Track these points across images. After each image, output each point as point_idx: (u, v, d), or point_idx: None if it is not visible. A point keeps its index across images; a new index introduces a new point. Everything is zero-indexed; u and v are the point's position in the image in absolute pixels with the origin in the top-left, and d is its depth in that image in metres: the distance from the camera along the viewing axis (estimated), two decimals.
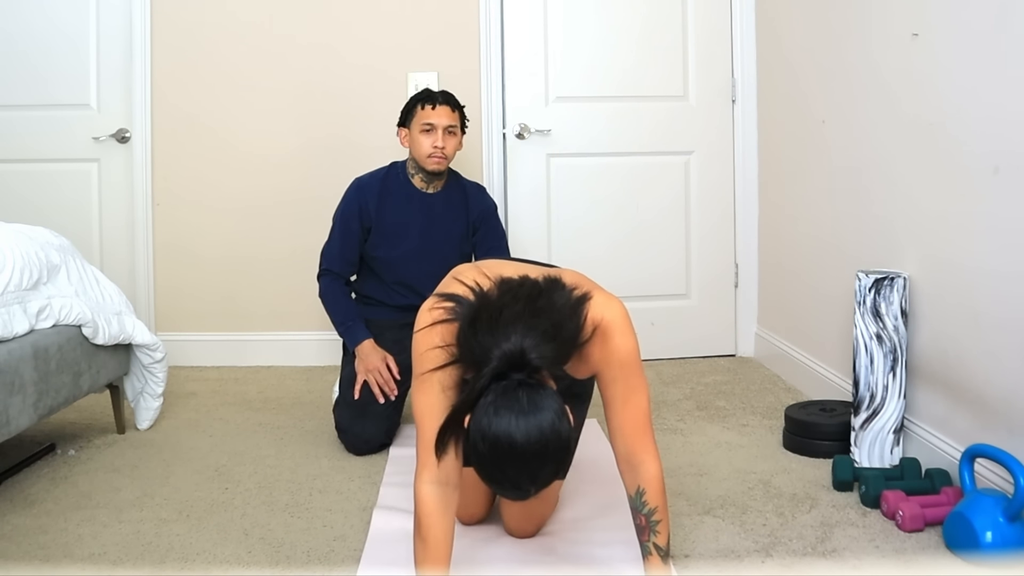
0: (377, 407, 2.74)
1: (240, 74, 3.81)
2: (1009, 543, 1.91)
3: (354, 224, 2.92)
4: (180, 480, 2.53)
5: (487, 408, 1.52)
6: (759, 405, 3.18)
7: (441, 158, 2.90)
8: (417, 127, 2.90)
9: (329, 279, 2.93)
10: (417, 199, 2.97)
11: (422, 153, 2.90)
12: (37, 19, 3.80)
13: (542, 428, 1.51)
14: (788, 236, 3.53)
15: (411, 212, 2.95)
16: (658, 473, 1.77)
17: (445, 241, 2.97)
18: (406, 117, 2.96)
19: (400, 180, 2.98)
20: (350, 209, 2.93)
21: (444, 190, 3.01)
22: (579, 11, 3.78)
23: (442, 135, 2.88)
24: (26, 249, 2.52)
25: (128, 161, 3.82)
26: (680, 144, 3.84)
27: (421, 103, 2.92)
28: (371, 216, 2.92)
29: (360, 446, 2.73)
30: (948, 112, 2.36)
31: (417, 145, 2.91)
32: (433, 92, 2.95)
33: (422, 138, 2.89)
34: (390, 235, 2.93)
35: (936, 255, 2.44)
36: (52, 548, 2.09)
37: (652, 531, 1.77)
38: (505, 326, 1.58)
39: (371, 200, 2.93)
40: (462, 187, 3.06)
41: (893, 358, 2.48)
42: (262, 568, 2.00)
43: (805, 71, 3.31)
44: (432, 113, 2.89)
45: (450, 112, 2.91)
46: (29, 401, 2.37)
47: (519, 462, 1.51)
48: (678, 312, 3.89)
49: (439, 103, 2.91)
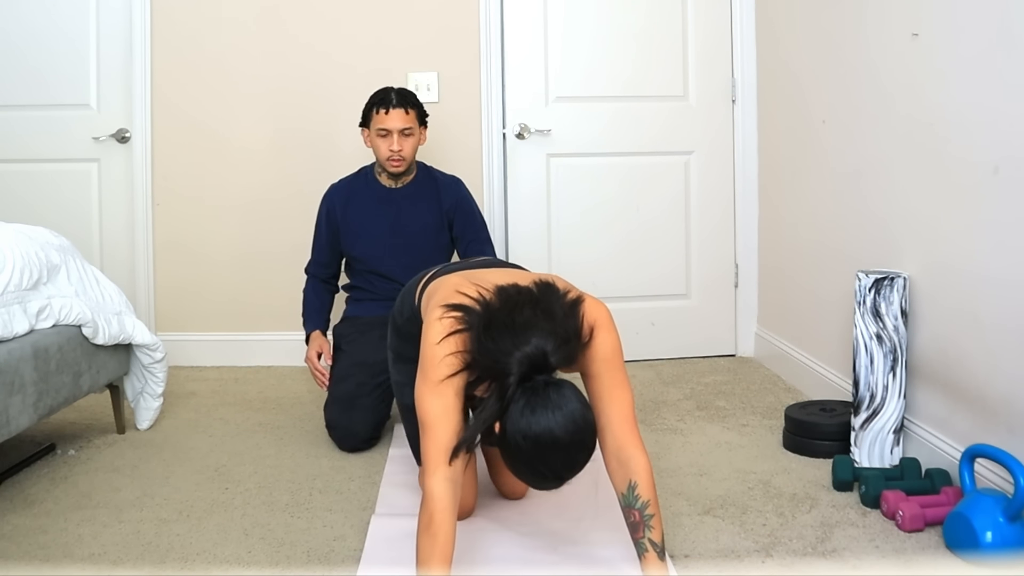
0: (364, 401, 2.77)
1: (240, 74, 3.81)
2: (1009, 543, 1.91)
3: (324, 228, 3.10)
4: (180, 480, 2.53)
5: (522, 410, 1.65)
6: (759, 405, 3.18)
7: (399, 160, 2.97)
8: (374, 131, 2.99)
9: (308, 279, 3.15)
10: (384, 196, 3.06)
11: (380, 156, 3.00)
12: (37, 19, 3.80)
13: (576, 419, 1.65)
14: (788, 236, 3.53)
15: (378, 209, 3.05)
16: (648, 466, 1.80)
17: (418, 233, 3.05)
18: (365, 119, 3.03)
19: (368, 179, 3.10)
20: (320, 214, 3.12)
21: (412, 184, 3.09)
22: (579, 11, 3.78)
23: (397, 139, 2.95)
24: (26, 249, 2.52)
25: (128, 161, 3.82)
26: (680, 144, 3.84)
27: (376, 107, 2.98)
28: (337, 218, 3.07)
29: (348, 440, 2.75)
30: (948, 112, 2.36)
31: (376, 148, 3.01)
32: (388, 94, 2.99)
33: (379, 142, 2.98)
34: (360, 233, 3.05)
35: (936, 255, 2.44)
36: (52, 548, 2.09)
37: (646, 526, 1.78)
38: (521, 331, 1.69)
39: (337, 203, 3.07)
40: (433, 180, 3.12)
41: (893, 358, 2.48)
42: (262, 568, 2.00)
43: (805, 71, 3.31)
44: (386, 118, 2.95)
45: (404, 115, 2.96)
46: (29, 401, 2.37)
47: (562, 454, 1.65)
48: (678, 312, 3.89)
49: (392, 106, 2.95)
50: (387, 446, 2.79)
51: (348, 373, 2.85)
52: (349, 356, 2.91)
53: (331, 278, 3.16)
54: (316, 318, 3.10)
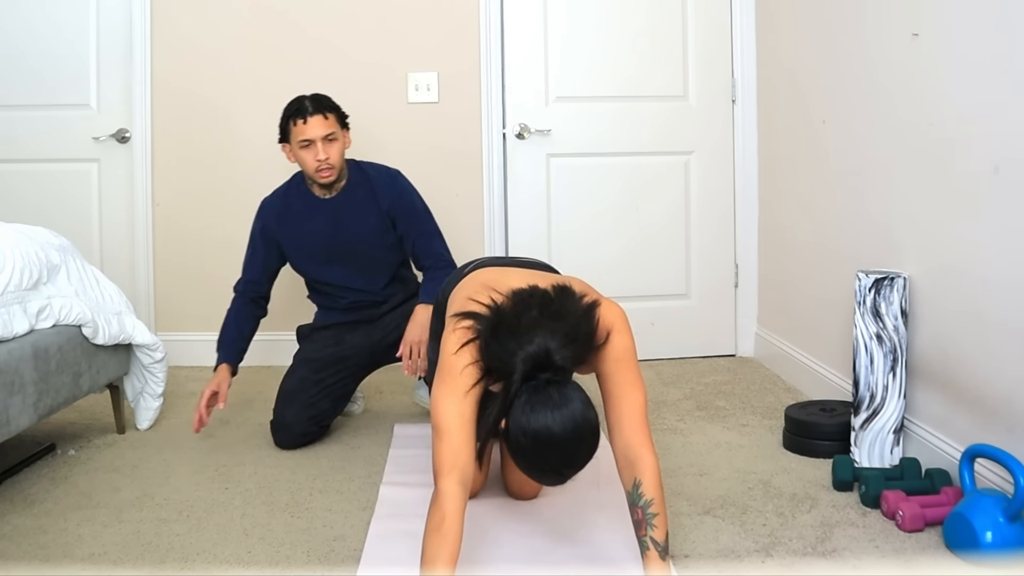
0: (301, 396, 2.80)
1: (240, 74, 3.81)
2: (1009, 543, 1.91)
3: (259, 244, 2.95)
4: (180, 480, 2.53)
5: (523, 408, 1.69)
6: (759, 405, 3.18)
7: (328, 169, 2.82)
8: (296, 144, 2.82)
9: (235, 297, 2.97)
10: (319, 207, 2.91)
11: (308, 169, 2.84)
12: (37, 19, 3.80)
13: (575, 418, 1.68)
14: (788, 236, 3.53)
15: (315, 222, 2.90)
16: (655, 465, 1.82)
17: (361, 240, 2.90)
18: (284, 134, 2.86)
19: (301, 191, 2.93)
20: (255, 230, 2.96)
21: (346, 190, 2.92)
22: (579, 11, 3.78)
23: (322, 147, 2.79)
24: (26, 249, 2.52)
25: (128, 161, 3.82)
26: (680, 144, 3.84)
27: (292, 119, 2.82)
28: (275, 234, 2.92)
29: (280, 433, 2.77)
30: (948, 112, 2.36)
31: (301, 162, 2.85)
32: (303, 103, 2.83)
33: (304, 154, 2.82)
34: (302, 248, 2.93)
35: (936, 255, 2.44)
36: (52, 548, 2.09)
37: (649, 524, 1.78)
38: (525, 331, 1.73)
39: (271, 219, 2.93)
40: (367, 180, 2.94)
41: (893, 358, 2.48)
42: (262, 568, 2.00)
43: (805, 71, 3.31)
44: (305, 128, 2.79)
45: (324, 120, 2.80)
46: (29, 401, 2.37)
47: (559, 450, 1.69)
48: (678, 312, 3.89)
49: (309, 114, 2.79)
50: (386, 446, 2.80)
51: (293, 369, 2.90)
52: (300, 352, 2.96)
53: (260, 298, 2.97)
54: (229, 348, 2.87)
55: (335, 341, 2.94)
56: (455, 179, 3.82)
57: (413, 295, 2.98)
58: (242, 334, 2.91)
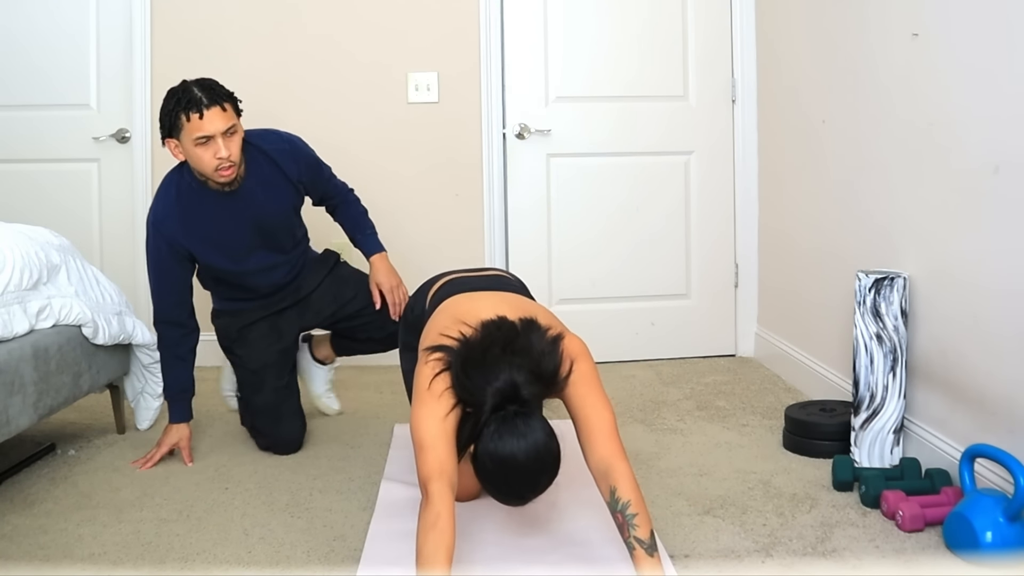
0: (284, 407, 2.77)
1: (240, 74, 3.80)
2: (1009, 543, 1.91)
3: (167, 264, 2.61)
4: (180, 480, 2.53)
5: (491, 436, 1.82)
6: (759, 405, 3.18)
7: (230, 167, 2.49)
8: (189, 140, 2.45)
9: (164, 333, 2.67)
10: (227, 203, 2.59)
11: (207, 168, 2.48)
12: (37, 19, 3.80)
13: (538, 447, 1.82)
14: (788, 236, 3.53)
15: (230, 219, 2.61)
16: (627, 471, 1.88)
17: (278, 218, 2.69)
18: (170, 128, 2.48)
19: (195, 191, 2.58)
20: (158, 253, 2.60)
21: (249, 175, 2.60)
22: (579, 11, 3.78)
23: (223, 142, 2.45)
24: (26, 249, 2.52)
25: (128, 161, 3.82)
26: (680, 144, 3.84)
27: (184, 112, 2.44)
28: (184, 247, 2.59)
29: (280, 447, 2.76)
30: (948, 111, 2.36)
31: (197, 160, 2.48)
32: (193, 93, 2.45)
33: (199, 152, 2.46)
34: (221, 249, 2.63)
35: (936, 255, 2.44)
36: (52, 548, 2.10)
37: (630, 525, 1.81)
38: (492, 366, 1.86)
39: (177, 233, 2.58)
40: (266, 155, 2.65)
41: (893, 358, 2.48)
42: (262, 568, 2.00)
43: (805, 71, 3.31)
44: (202, 123, 2.42)
45: (221, 113, 2.45)
46: (29, 401, 2.37)
47: (522, 476, 1.83)
48: (678, 312, 3.89)
49: (206, 107, 2.43)
50: (386, 446, 2.80)
51: (256, 383, 2.76)
52: (246, 360, 2.77)
53: (189, 317, 2.69)
54: (181, 404, 2.67)
55: (275, 336, 2.79)
56: (455, 179, 3.82)
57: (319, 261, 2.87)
58: (189, 379, 2.71)
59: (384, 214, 3.88)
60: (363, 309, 2.84)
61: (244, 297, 2.80)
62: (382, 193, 3.86)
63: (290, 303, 2.84)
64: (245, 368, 2.79)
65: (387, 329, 2.82)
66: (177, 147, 2.52)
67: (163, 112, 2.49)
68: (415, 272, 3.78)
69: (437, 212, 3.84)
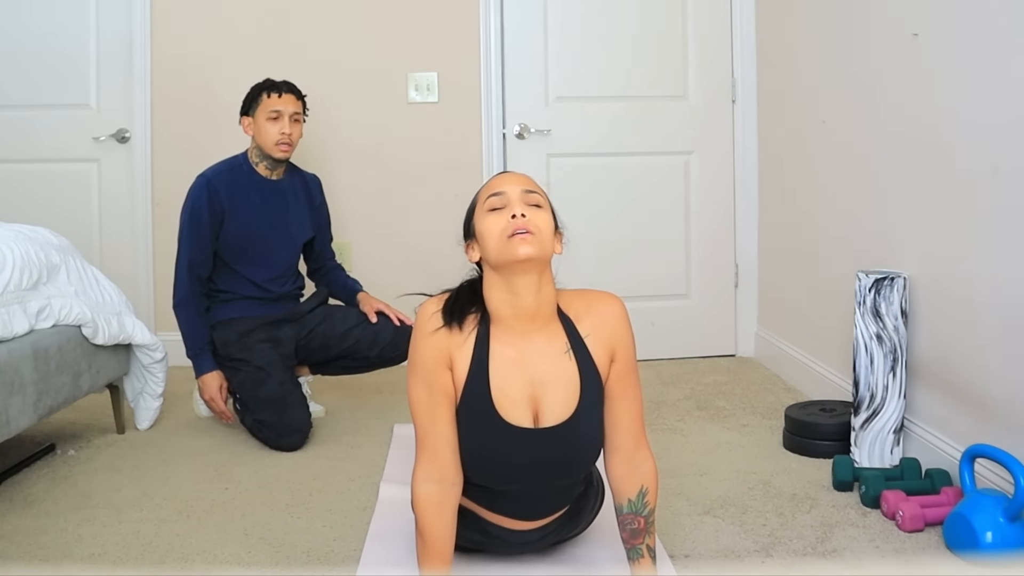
0: (291, 397, 2.81)
1: (240, 74, 3.79)
2: (1009, 543, 1.91)
3: (205, 219, 2.87)
4: (180, 480, 2.53)
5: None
6: (759, 405, 3.18)
7: (287, 145, 2.91)
8: (263, 115, 2.90)
9: (187, 290, 2.90)
10: (266, 187, 2.98)
11: (269, 141, 2.90)
12: (37, 19, 3.80)
13: None
14: (788, 236, 3.53)
15: (262, 200, 2.96)
16: (656, 473, 1.81)
17: (296, 224, 3.03)
18: (249, 106, 2.95)
19: (245, 170, 2.97)
20: (199, 204, 2.88)
21: (287, 176, 3.04)
22: (579, 11, 3.78)
23: (288, 122, 2.90)
24: (26, 249, 2.52)
25: (128, 161, 3.82)
26: (680, 144, 3.84)
27: (266, 91, 2.92)
28: (223, 208, 2.89)
29: (293, 436, 2.76)
30: (948, 112, 2.36)
31: (263, 133, 2.90)
32: (275, 80, 2.96)
33: (268, 126, 2.89)
34: (246, 224, 2.92)
35: (936, 255, 2.44)
36: (52, 548, 2.09)
37: (649, 533, 1.79)
38: None
39: (222, 191, 2.89)
40: (302, 176, 3.11)
41: (893, 358, 2.48)
42: (262, 568, 2.00)
43: (805, 71, 3.31)
44: (278, 101, 2.90)
45: (295, 100, 2.94)
46: (29, 401, 2.37)
47: None
48: (678, 312, 3.89)
49: (284, 91, 2.93)
50: (386, 446, 2.80)
51: (262, 376, 2.82)
52: (249, 359, 2.86)
53: (209, 280, 2.96)
54: (208, 355, 2.89)
55: (274, 343, 2.91)
56: (455, 179, 3.82)
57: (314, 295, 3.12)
58: (208, 330, 2.92)
59: (384, 214, 3.89)
60: (355, 326, 2.96)
61: (247, 295, 2.95)
62: (382, 193, 3.87)
63: (287, 317, 2.98)
64: (249, 366, 2.84)
65: (378, 345, 2.94)
66: (250, 125, 2.95)
67: (248, 95, 2.96)
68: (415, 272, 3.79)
69: (437, 212, 3.84)
